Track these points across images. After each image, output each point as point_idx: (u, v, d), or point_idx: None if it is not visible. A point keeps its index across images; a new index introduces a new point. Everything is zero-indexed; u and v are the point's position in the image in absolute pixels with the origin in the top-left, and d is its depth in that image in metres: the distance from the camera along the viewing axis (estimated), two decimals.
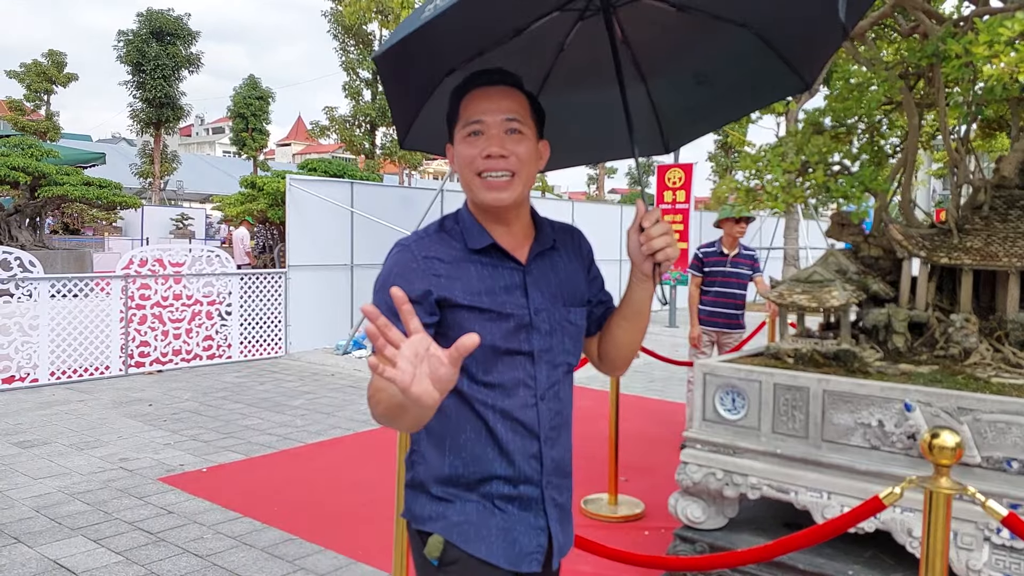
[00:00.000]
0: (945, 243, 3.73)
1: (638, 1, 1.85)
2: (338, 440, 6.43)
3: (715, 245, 6.28)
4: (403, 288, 1.46)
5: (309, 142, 60.65)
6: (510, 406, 1.57)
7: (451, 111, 1.62)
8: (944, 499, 2.01)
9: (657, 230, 1.55)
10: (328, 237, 10.88)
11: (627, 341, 1.73)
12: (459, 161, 1.59)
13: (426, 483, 1.60)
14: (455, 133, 1.61)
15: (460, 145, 1.59)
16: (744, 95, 2.11)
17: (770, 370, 3.54)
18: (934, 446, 2.04)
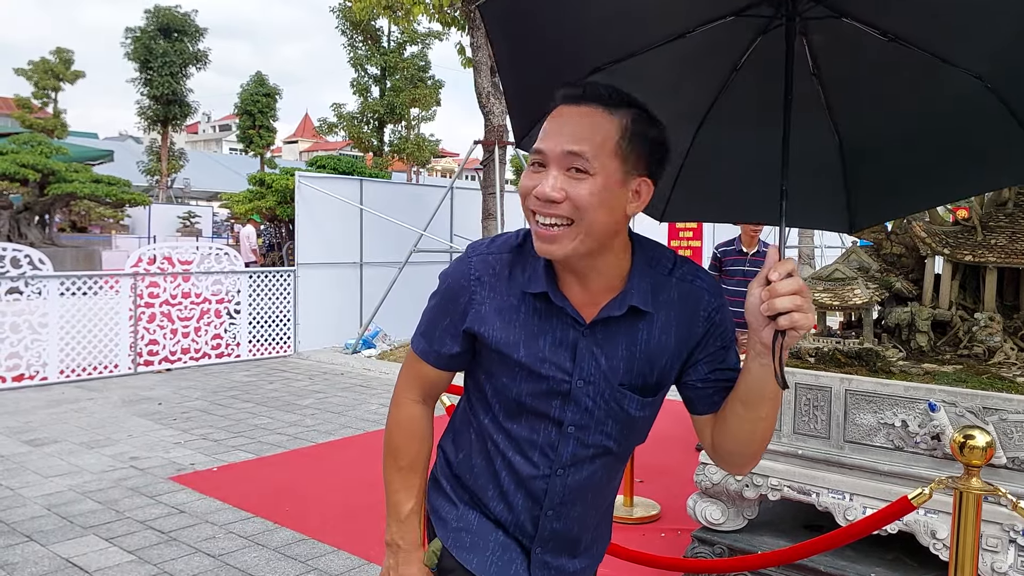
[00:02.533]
0: (969, 240, 3.67)
1: (838, 20, 1.43)
2: (349, 440, 6.39)
3: (734, 243, 6.22)
4: (445, 307, 1.44)
5: (316, 139, 60.69)
6: (520, 466, 1.42)
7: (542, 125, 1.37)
8: (975, 500, 1.97)
9: (786, 286, 1.21)
10: (337, 235, 10.84)
11: (745, 433, 1.36)
12: (522, 188, 1.33)
13: (438, 476, 1.56)
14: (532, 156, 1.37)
15: (525, 174, 1.33)
16: (967, 170, 1.62)
17: (791, 369, 3.48)
18: (965, 446, 1.99)
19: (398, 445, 1.50)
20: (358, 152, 24.60)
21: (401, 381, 1.53)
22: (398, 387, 1.53)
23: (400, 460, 1.49)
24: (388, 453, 1.52)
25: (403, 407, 1.51)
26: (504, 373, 1.38)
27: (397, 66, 22.89)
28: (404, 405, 1.52)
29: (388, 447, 1.52)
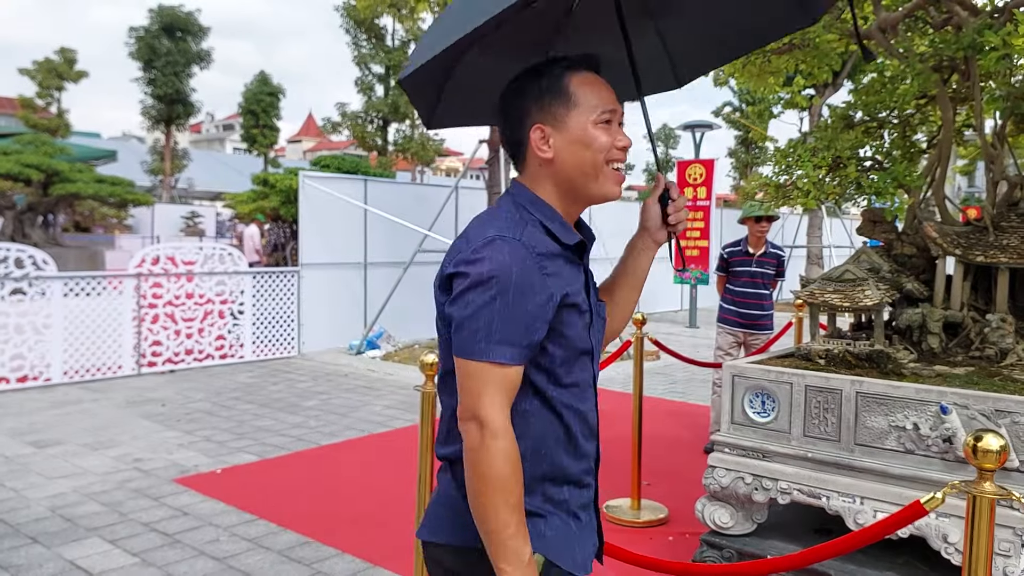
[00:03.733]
0: (981, 241, 3.63)
1: None
2: (353, 442, 6.36)
3: (740, 244, 6.18)
4: (533, 296, 1.39)
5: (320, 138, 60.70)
6: (585, 408, 1.54)
7: (556, 88, 1.50)
8: (988, 504, 1.92)
9: (681, 202, 1.68)
10: (341, 235, 10.81)
11: (629, 304, 1.79)
12: (592, 146, 1.50)
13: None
14: (571, 113, 1.49)
15: (594, 130, 1.50)
16: (753, 26, 1.99)
17: (801, 371, 3.44)
18: (978, 449, 1.95)
19: (507, 479, 1.33)
20: (362, 151, 24.58)
21: (489, 405, 1.34)
22: (489, 413, 1.34)
23: (511, 497, 1.33)
24: (496, 490, 1.32)
25: (505, 434, 1.34)
26: (572, 326, 1.47)
27: (401, 65, 22.86)
28: (505, 432, 1.34)
29: (495, 483, 1.32)
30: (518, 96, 1.53)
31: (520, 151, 1.55)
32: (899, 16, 3.86)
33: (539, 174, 1.53)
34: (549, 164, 1.51)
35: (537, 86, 1.51)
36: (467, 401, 1.36)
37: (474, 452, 1.34)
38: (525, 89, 1.52)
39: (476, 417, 1.34)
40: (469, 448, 1.35)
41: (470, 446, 1.34)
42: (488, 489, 1.32)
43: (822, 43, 3.69)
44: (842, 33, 3.99)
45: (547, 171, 1.52)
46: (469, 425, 1.35)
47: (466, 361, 1.36)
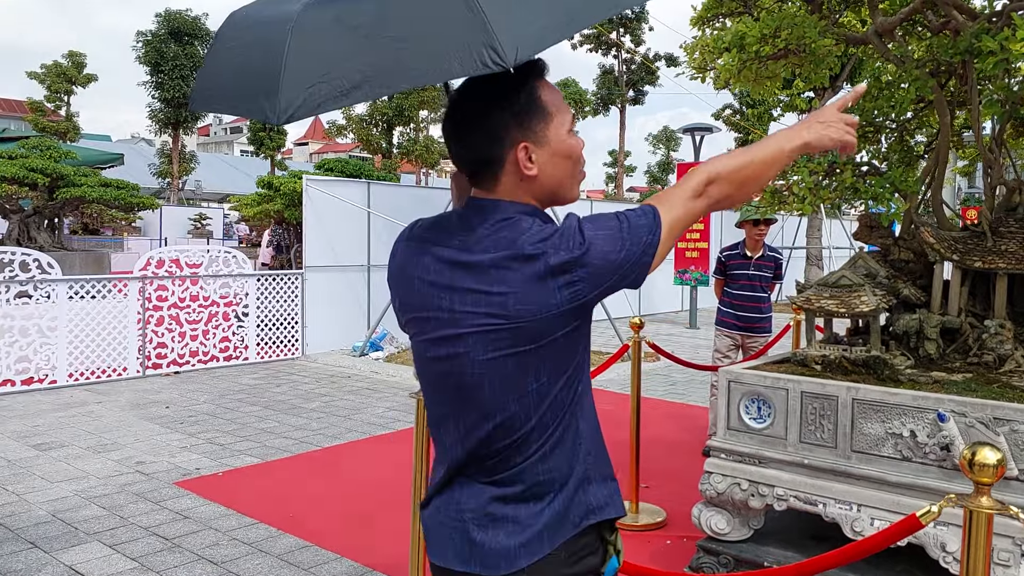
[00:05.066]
0: (979, 246, 3.62)
1: None
2: (354, 444, 6.37)
3: (738, 247, 6.17)
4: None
5: (326, 141, 60.86)
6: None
7: (533, 103, 1.46)
8: (986, 519, 1.91)
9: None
10: (345, 238, 10.84)
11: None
12: (573, 156, 1.50)
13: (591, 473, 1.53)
14: (549, 127, 1.47)
15: (571, 140, 1.50)
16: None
17: (797, 378, 3.43)
18: (975, 463, 1.94)
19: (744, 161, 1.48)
20: (367, 154, 24.62)
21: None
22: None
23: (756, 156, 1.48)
24: (753, 163, 1.46)
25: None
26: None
27: None
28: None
29: (746, 167, 1.46)
30: (492, 114, 1.45)
31: (493, 169, 1.47)
32: (896, 20, 3.85)
33: (518, 189, 1.49)
34: (532, 180, 1.48)
35: (515, 102, 1.46)
36: (678, 197, 1.46)
37: (724, 184, 1.46)
38: (501, 106, 1.45)
39: (695, 187, 1.45)
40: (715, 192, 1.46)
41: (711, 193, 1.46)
42: (749, 165, 1.46)
43: (818, 48, 3.68)
44: (838, 37, 3.98)
45: (528, 186, 1.49)
46: (702, 193, 1.46)
47: (656, 211, 1.42)
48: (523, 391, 1.40)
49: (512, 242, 1.38)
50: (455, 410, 1.47)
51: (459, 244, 1.44)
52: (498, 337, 1.37)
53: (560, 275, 1.35)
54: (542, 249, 1.36)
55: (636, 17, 28.68)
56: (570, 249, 1.35)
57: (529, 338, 1.37)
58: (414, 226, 1.59)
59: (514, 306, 1.35)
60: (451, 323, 1.41)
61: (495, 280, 1.37)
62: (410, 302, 1.51)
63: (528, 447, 1.43)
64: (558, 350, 1.40)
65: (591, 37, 28.28)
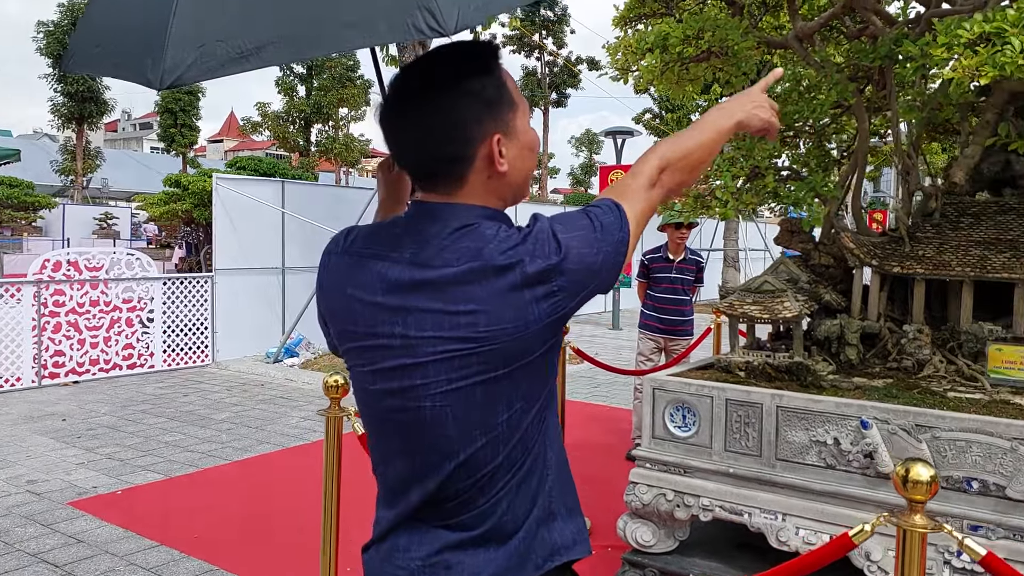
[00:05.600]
0: (897, 252, 3.63)
1: None
2: (266, 457, 6.07)
3: (660, 251, 6.16)
4: None
5: (242, 138, 59.11)
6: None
7: (502, 91, 1.29)
8: (920, 539, 1.85)
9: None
10: (258, 239, 10.43)
11: None
12: (535, 149, 1.36)
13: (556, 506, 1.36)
14: (516, 118, 1.30)
15: (531, 130, 1.35)
16: None
17: (722, 385, 3.38)
18: (908, 479, 1.88)
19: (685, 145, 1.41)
20: (284, 152, 23.99)
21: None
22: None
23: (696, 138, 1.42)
24: (694, 146, 1.40)
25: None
26: None
27: (324, 65, 22.38)
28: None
29: (693, 151, 1.40)
30: (461, 104, 1.25)
31: (459, 168, 1.27)
32: (816, 25, 3.85)
33: (485, 189, 1.29)
34: (502, 177, 1.29)
35: (485, 88, 1.27)
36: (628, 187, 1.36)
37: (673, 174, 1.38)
38: (471, 93, 1.26)
39: (651, 176, 1.36)
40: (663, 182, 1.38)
41: (660, 182, 1.38)
42: (696, 150, 1.39)
43: (740, 51, 3.64)
44: (760, 41, 3.96)
45: (496, 184, 1.30)
46: (657, 181, 1.37)
47: (620, 206, 1.31)
48: (492, 423, 1.23)
49: (477, 252, 1.20)
50: (409, 449, 1.28)
51: (411, 258, 1.24)
52: (465, 363, 1.20)
53: (537, 286, 1.18)
54: (515, 257, 1.19)
55: (558, 19, 28.82)
56: (547, 256, 1.19)
57: (502, 361, 1.20)
58: (349, 236, 1.36)
59: (485, 326, 1.18)
60: (405, 351, 1.22)
61: (461, 297, 1.19)
62: (351, 328, 1.30)
63: (494, 486, 1.26)
64: (532, 373, 1.25)
65: (514, 38, 28.27)
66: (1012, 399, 3.09)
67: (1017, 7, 2.61)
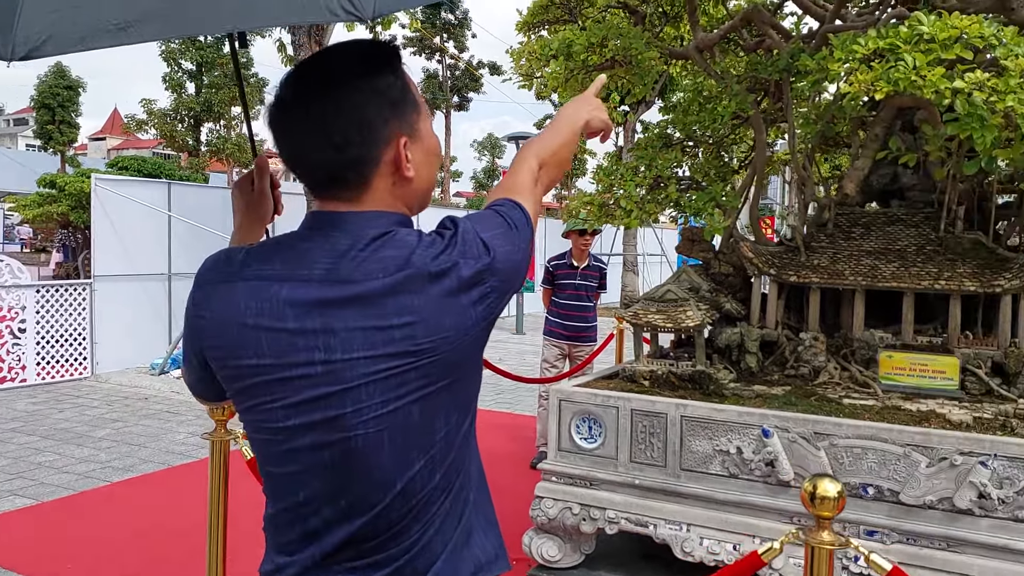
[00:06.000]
0: (793, 261, 3.71)
1: None
2: (150, 477, 5.70)
3: (565, 257, 6.15)
4: None
5: (127, 136, 56.27)
6: None
7: (407, 91, 1.22)
8: (827, 555, 1.85)
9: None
10: (142, 244, 9.85)
11: None
12: (439, 154, 1.30)
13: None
14: (420, 120, 1.24)
15: (435, 138, 1.28)
16: None
17: (627, 395, 3.35)
18: (816, 496, 1.87)
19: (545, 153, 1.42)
20: (172, 152, 22.93)
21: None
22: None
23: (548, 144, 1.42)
24: (565, 162, 1.45)
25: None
26: None
27: (215, 62, 21.48)
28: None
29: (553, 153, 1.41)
30: (369, 102, 1.17)
31: (364, 172, 1.17)
32: (716, 37, 3.90)
33: (391, 195, 1.21)
34: (407, 183, 1.21)
35: (391, 88, 1.19)
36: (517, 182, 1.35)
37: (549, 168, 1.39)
38: (375, 93, 1.17)
39: (534, 174, 1.36)
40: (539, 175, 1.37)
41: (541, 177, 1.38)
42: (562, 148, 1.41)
43: (643, 60, 3.64)
44: (662, 51, 3.98)
45: (402, 190, 1.21)
46: (538, 179, 1.37)
47: (521, 204, 1.29)
48: (430, 442, 1.16)
49: (405, 260, 1.11)
50: (333, 489, 1.15)
51: (325, 275, 1.12)
52: (403, 381, 1.11)
53: (473, 289, 1.13)
54: (449, 262, 1.12)
55: (459, 23, 28.76)
56: (478, 257, 1.14)
57: (443, 373, 1.13)
58: (234, 260, 1.21)
59: (425, 337, 1.10)
60: (328, 378, 1.11)
61: (395, 310, 1.10)
62: (253, 363, 1.15)
63: (429, 510, 1.17)
64: (466, 381, 1.20)
65: (414, 40, 28.02)
66: (903, 405, 3.19)
67: (909, 24, 2.68)
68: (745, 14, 3.73)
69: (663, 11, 4.66)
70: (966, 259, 3.43)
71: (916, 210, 3.71)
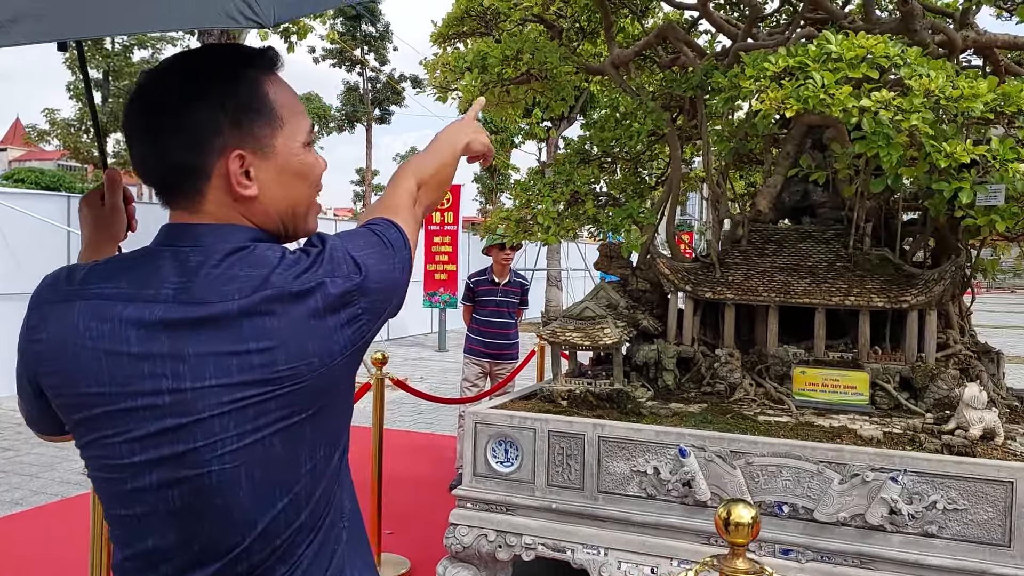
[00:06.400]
0: (709, 277, 3.71)
1: None
2: (41, 510, 5.32)
3: (486, 273, 6.05)
4: None
5: (29, 148, 53.71)
6: None
7: (257, 101, 1.11)
8: None
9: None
10: (39, 260, 9.30)
11: None
12: (310, 177, 1.18)
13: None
14: (279, 137, 1.13)
15: (307, 155, 1.17)
16: None
17: (544, 416, 3.27)
18: (730, 522, 1.81)
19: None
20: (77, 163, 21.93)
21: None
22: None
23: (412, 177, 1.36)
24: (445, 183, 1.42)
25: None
26: None
27: (123, 71, 20.64)
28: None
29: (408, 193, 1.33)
30: (198, 107, 1.08)
31: (193, 182, 1.09)
32: (631, 53, 3.89)
33: (234, 212, 1.11)
34: (248, 202, 1.11)
35: (231, 96, 1.09)
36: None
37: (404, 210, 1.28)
38: (210, 98, 1.09)
39: (412, 194, 1.31)
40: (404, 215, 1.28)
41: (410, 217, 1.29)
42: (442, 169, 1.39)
43: (559, 75, 3.60)
44: (578, 66, 3.94)
45: (246, 208, 1.11)
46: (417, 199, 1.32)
47: (399, 225, 1.22)
48: (295, 477, 1.06)
49: (263, 279, 1.02)
50: (184, 531, 1.04)
51: (176, 294, 1.03)
52: (262, 411, 1.01)
53: (341, 310, 1.05)
54: (314, 281, 1.04)
55: (380, 36, 28.51)
56: (347, 276, 1.06)
57: (307, 402, 1.04)
58: (74, 277, 1.10)
59: (286, 363, 1.01)
60: (177, 409, 1.01)
61: (252, 334, 1.00)
62: (93, 391, 1.03)
63: (295, 551, 1.08)
64: (335, 410, 1.10)
65: (334, 52, 27.63)
66: (816, 421, 3.20)
67: (818, 43, 2.70)
68: (659, 31, 3.73)
69: (580, 27, 4.64)
70: (874, 275, 3.48)
71: (827, 227, 3.76)
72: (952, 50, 3.47)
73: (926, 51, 3.01)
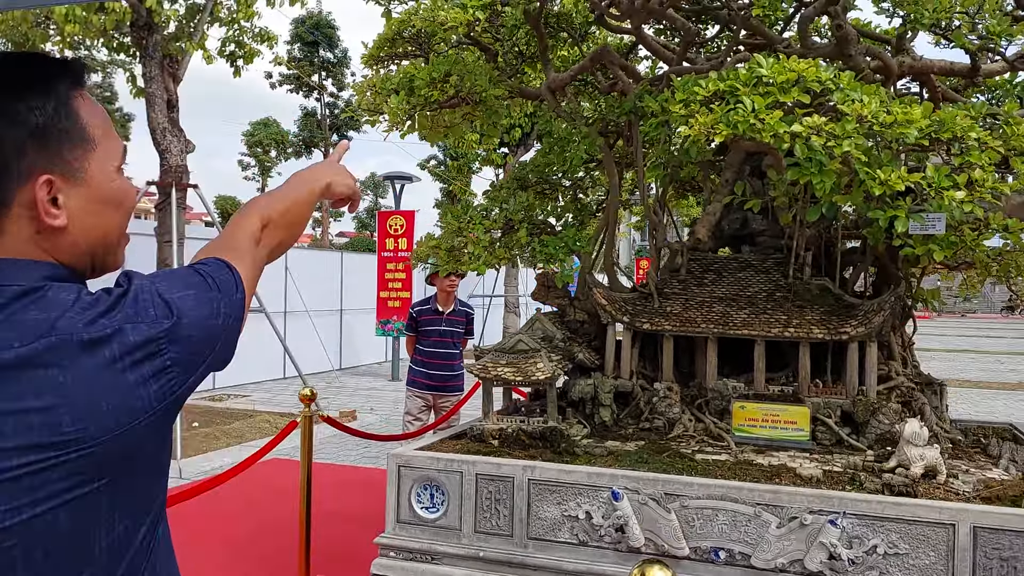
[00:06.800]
0: (647, 308, 3.57)
1: None
2: None
3: (429, 302, 5.86)
4: None
5: None
6: None
7: (68, 121, 0.98)
8: None
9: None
10: None
11: None
12: (124, 205, 1.06)
13: None
14: (91, 161, 1.00)
15: (121, 181, 1.05)
16: None
17: (472, 458, 3.08)
18: None
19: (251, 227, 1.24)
20: None
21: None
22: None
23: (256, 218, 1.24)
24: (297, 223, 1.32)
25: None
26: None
27: None
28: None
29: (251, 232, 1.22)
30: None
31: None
32: (567, 77, 3.77)
33: (35, 247, 0.96)
34: (54, 234, 0.97)
35: (37, 114, 0.94)
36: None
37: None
38: (10, 115, 0.94)
39: (255, 234, 1.20)
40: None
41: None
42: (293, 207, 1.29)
43: (488, 98, 3.46)
44: (512, 90, 3.82)
45: (50, 243, 0.97)
46: (260, 239, 1.21)
47: (232, 266, 1.10)
48: (87, 557, 0.91)
49: (50, 325, 0.88)
50: None
51: None
52: (42, 481, 0.86)
53: (144, 362, 0.92)
54: (110, 327, 0.90)
55: (338, 62, 28.37)
56: (154, 321, 0.94)
57: (99, 470, 0.89)
58: None
59: (72, 424, 0.86)
60: None
61: (30, 389, 0.86)
62: None
63: None
64: (140, 477, 0.96)
65: (291, 77, 27.41)
66: (755, 459, 3.06)
67: (748, 67, 2.59)
68: (594, 55, 3.63)
69: (519, 51, 4.52)
70: (814, 305, 3.38)
71: (766, 255, 3.66)
72: (888, 76, 3.41)
73: (860, 76, 2.93)
